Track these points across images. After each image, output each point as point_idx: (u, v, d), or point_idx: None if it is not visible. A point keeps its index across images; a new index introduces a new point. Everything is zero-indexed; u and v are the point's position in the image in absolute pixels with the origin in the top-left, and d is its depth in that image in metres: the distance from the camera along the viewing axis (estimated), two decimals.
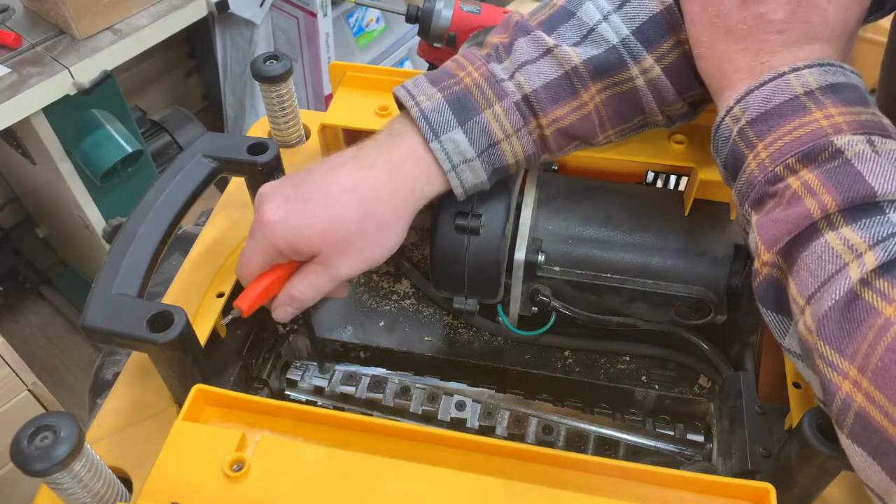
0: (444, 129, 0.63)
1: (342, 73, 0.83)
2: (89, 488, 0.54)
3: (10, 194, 2.30)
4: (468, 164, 0.64)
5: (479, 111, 0.63)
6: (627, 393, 0.81)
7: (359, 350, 0.85)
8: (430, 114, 0.63)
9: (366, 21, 2.50)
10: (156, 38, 1.80)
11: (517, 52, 0.64)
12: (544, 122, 0.65)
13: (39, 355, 2.31)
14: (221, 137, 0.75)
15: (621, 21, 0.63)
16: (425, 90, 0.65)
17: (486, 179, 0.66)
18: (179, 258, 0.81)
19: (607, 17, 0.64)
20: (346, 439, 0.59)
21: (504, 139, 0.64)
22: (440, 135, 0.63)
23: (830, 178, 0.49)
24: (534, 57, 0.64)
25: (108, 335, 0.60)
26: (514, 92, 0.63)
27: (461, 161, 0.64)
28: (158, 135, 2.15)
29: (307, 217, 0.63)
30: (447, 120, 0.63)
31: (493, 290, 0.78)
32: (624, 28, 0.63)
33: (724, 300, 0.75)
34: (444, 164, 0.64)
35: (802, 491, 0.58)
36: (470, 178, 0.65)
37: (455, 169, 0.64)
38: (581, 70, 0.63)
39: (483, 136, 0.63)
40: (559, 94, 0.64)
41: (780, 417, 0.69)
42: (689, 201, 0.75)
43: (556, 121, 0.65)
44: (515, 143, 0.65)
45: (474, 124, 0.63)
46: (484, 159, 0.64)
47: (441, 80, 0.65)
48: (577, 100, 0.64)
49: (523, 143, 0.65)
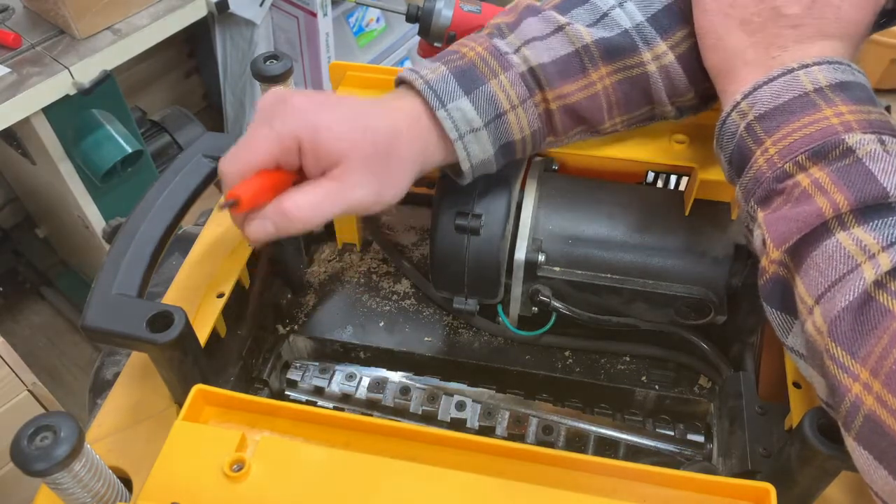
0: (450, 97, 0.62)
1: (342, 72, 0.83)
2: (89, 488, 0.54)
3: (10, 194, 2.30)
4: (475, 134, 0.63)
5: (485, 81, 0.63)
6: (627, 393, 0.81)
7: (359, 350, 0.85)
8: (435, 84, 0.62)
9: (366, 21, 2.50)
10: (156, 38, 1.80)
11: (524, 30, 0.65)
12: (550, 96, 0.64)
13: (39, 355, 2.31)
14: (221, 137, 0.75)
15: (636, 8, 0.64)
16: (428, 66, 0.64)
17: (492, 156, 0.65)
18: (179, 258, 0.81)
19: (622, 3, 0.64)
20: (346, 439, 0.59)
21: (510, 109, 0.64)
22: (446, 103, 0.62)
23: (842, 176, 0.49)
24: (544, 34, 0.64)
25: (108, 335, 0.60)
26: (519, 64, 0.64)
27: (468, 130, 0.63)
28: (158, 135, 2.15)
29: (342, 118, 0.58)
30: (452, 89, 0.62)
31: (493, 290, 0.78)
32: (638, 14, 0.63)
33: (724, 300, 0.75)
34: (451, 133, 0.62)
35: (802, 491, 0.58)
36: (477, 151, 0.64)
37: (462, 138, 0.63)
38: (592, 49, 0.63)
39: (489, 104, 0.63)
40: (568, 70, 0.64)
41: (780, 417, 0.69)
42: (689, 201, 0.75)
43: (563, 97, 0.65)
44: (521, 115, 0.64)
45: (480, 93, 0.62)
46: (490, 130, 0.64)
47: (444, 56, 0.65)
48: (586, 78, 0.64)
49: (529, 116, 0.65)
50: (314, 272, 0.92)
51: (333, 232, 0.94)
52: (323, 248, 0.95)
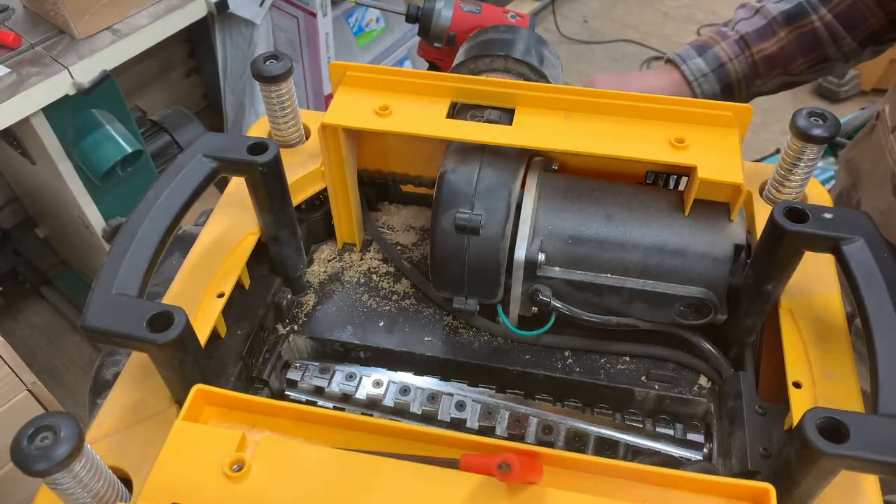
0: (689, 58, 1.10)
1: (342, 72, 0.83)
2: (89, 488, 0.54)
3: (10, 194, 2.30)
4: (705, 78, 1.09)
5: (712, 47, 1.10)
6: (627, 393, 0.81)
7: (359, 350, 0.85)
8: (680, 53, 1.11)
9: (366, 21, 2.50)
10: (155, 38, 1.80)
11: (736, 16, 1.13)
12: (754, 51, 1.08)
13: (39, 355, 2.31)
14: (221, 137, 0.75)
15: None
16: (681, 47, 1.13)
17: (718, 91, 1.09)
18: (179, 258, 0.81)
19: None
20: (346, 439, 0.59)
21: (728, 61, 1.09)
22: (686, 61, 1.10)
23: None
24: (749, 16, 1.11)
25: (108, 335, 0.60)
26: (732, 35, 1.10)
27: (701, 75, 1.09)
28: (158, 135, 2.15)
29: (621, 83, 1.09)
30: (691, 55, 1.11)
31: (493, 290, 0.78)
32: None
33: (724, 300, 0.75)
34: (689, 76, 1.09)
35: (802, 491, 0.58)
36: (708, 88, 1.09)
37: (697, 80, 1.09)
38: (778, 18, 1.08)
39: (714, 60, 1.09)
40: (764, 34, 1.08)
41: (780, 417, 0.69)
42: (689, 201, 0.75)
43: (762, 51, 1.08)
44: (736, 64, 1.09)
45: (709, 54, 1.10)
46: (715, 74, 1.09)
47: (692, 41, 1.13)
48: (775, 37, 1.07)
49: (741, 65, 1.09)
50: (314, 272, 0.92)
51: (333, 232, 0.94)
52: (323, 248, 0.95)
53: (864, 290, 0.62)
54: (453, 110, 0.80)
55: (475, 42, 0.93)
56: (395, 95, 0.80)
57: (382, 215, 0.99)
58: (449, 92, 0.80)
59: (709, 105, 0.76)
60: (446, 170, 0.76)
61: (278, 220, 0.80)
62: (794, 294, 0.75)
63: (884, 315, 0.61)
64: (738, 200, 0.73)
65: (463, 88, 0.79)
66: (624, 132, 0.76)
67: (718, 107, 0.76)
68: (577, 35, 3.65)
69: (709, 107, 0.76)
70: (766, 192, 0.84)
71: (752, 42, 1.07)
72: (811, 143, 0.76)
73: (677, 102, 0.76)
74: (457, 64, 0.92)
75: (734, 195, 0.74)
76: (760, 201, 0.85)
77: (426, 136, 0.76)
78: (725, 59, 1.08)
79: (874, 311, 0.61)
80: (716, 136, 0.75)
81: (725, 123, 0.76)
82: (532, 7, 3.60)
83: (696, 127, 0.75)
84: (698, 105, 0.76)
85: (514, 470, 0.52)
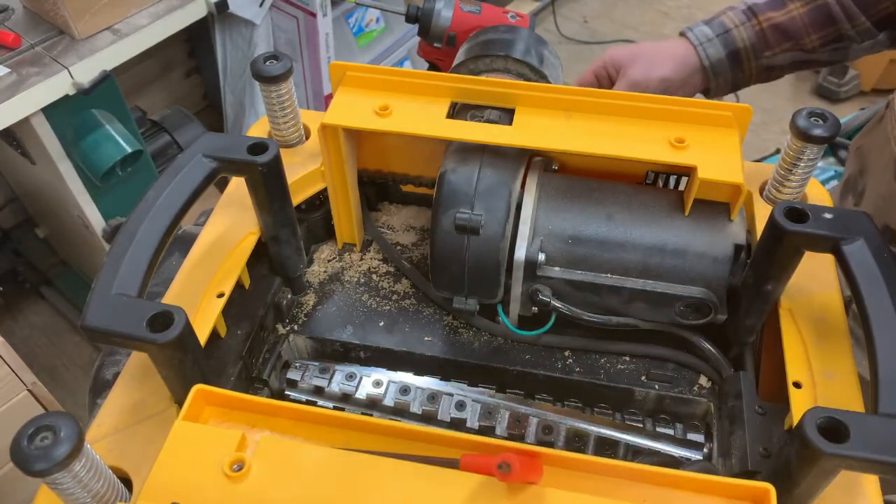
0: (696, 26, 1.11)
1: (342, 72, 0.83)
2: (89, 488, 0.54)
3: (10, 194, 2.30)
4: (710, 42, 1.08)
5: (719, 16, 1.10)
6: (627, 393, 0.81)
7: (359, 350, 0.85)
8: (691, 27, 1.11)
9: (366, 21, 2.50)
10: (155, 38, 1.80)
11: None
12: (762, 19, 1.07)
13: (39, 355, 2.31)
14: (221, 137, 0.75)
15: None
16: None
17: (724, 56, 1.07)
18: (179, 258, 0.81)
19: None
20: (346, 439, 0.59)
21: (734, 28, 1.08)
22: (693, 29, 1.10)
23: None
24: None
25: (108, 335, 0.60)
26: (740, 4, 1.09)
27: (706, 40, 1.09)
28: (158, 135, 2.15)
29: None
30: (699, 25, 1.11)
31: (492, 289, 0.78)
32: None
33: (724, 300, 0.75)
34: (694, 41, 1.09)
35: (802, 491, 0.58)
36: (713, 52, 1.08)
37: (702, 44, 1.08)
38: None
39: (719, 26, 1.09)
40: (773, 4, 1.07)
41: (780, 417, 0.69)
42: (689, 201, 0.75)
43: (770, 19, 1.06)
44: (742, 31, 1.08)
45: (715, 22, 1.09)
46: (721, 40, 1.08)
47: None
48: (785, 8, 1.06)
49: (748, 32, 1.07)
50: (314, 272, 0.92)
51: (333, 232, 0.94)
52: (323, 248, 0.95)
53: (864, 290, 0.62)
54: (453, 110, 0.80)
55: (475, 42, 0.93)
56: (394, 95, 0.80)
57: (382, 215, 0.99)
58: (449, 92, 0.80)
59: (709, 105, 0.76)
60: (446, 170, 0.76)
61: (278, 219, 0.80)
62: (794, 294, 0.75)
63: (884, 315, 0.61)
64: (738, 200, 0.73)
65: (463, 88, 0.79)
66: (624, 132, 0.76)
67: (718, 107, 0.76)
68: (576, 35, 3.65)
69: (709, 107, 0.76)
70: (766, 192, 0.85)
71: (760, 11, 1.07)
72: (811, 143, 0.76)
73: (677, 102, 0.76)
74: (457, 64, 0.92)
75: (734, 195, 0.74)
76: (760, 201, 0.85)
77: (426, 136, 0.76)
78: (731, 26, 1.08)
79: (874, 311, 0.61)
80: (716, 136, 0.75)
81: (725, 123, 0.76)
82: (532, 7, 3.60)
83: (696, 127, 0.76)
84: (698, 105, 0.76)
85: (514, 470, 0.52)
